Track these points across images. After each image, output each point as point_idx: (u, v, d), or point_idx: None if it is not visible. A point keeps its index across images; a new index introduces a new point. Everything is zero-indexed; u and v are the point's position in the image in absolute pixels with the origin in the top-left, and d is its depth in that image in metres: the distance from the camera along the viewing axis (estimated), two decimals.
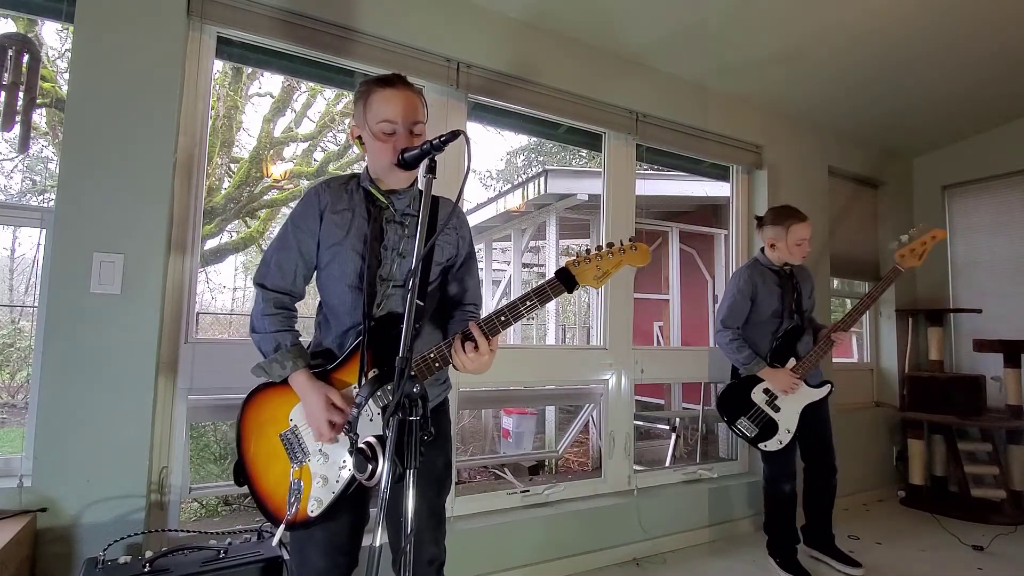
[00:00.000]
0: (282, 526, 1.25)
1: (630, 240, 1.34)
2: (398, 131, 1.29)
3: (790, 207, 2.57)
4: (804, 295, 2.60)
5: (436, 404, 1.42)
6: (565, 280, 1.30)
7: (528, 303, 1.27)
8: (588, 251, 1.31)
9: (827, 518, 2.62)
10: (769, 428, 2.45)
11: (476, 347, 1.22)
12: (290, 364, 1.27)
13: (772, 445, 2.44)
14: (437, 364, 1.27)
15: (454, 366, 1.27)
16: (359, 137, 1.37)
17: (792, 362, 2.45)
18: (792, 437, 2.43)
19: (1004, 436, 3.49)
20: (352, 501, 1.29)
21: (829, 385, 2.51)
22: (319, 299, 1.44)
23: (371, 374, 1.27)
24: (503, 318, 1.25)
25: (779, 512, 2.54)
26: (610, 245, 1.33)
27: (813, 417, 2.49)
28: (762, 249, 2.63)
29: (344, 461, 1.26)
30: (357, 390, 1.28)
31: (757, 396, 2.47)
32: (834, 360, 3.69)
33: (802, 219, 2.50)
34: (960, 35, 2.78)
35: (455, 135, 1.10)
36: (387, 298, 1.32)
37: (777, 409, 2.45)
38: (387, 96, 1.30)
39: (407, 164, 1.20)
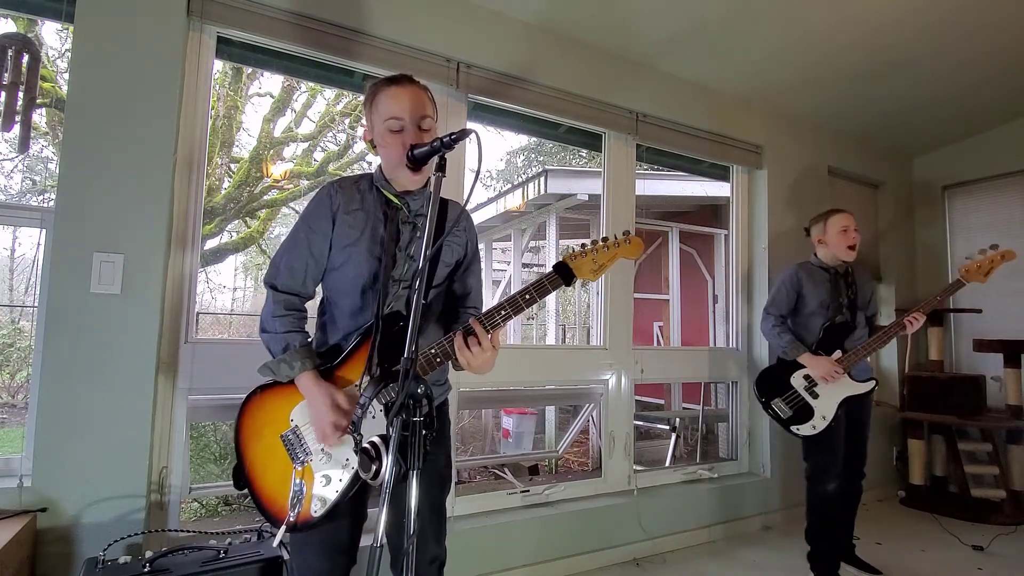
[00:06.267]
0: (283, 527, 1.24)
1: (624, 233, 1.36)
2: (406, 127, 1.29)
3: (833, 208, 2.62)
4: (862, 296, 2.55)
5: (437, 404, 1.42)
6: (563, 273, 1.31)
7: (527, 296, 1.27)
8: (584, 245, 1.34)
9: (849, 524, 2.58)
10: (804, 412, 2.42)
11: (479, 342, 1.21)
12: (298, 365, 1.27)
13: (805, 430, 2.41)
14: (439, 360, 1.26)
15: (456, 364, 1.26)
16: (371, 141, 1.37)
17: (838, 353, 2.42)
18: (828, 426, 2.39)
19: (1004, 436, 3.49)
20: (352, 500, 1.28)
21: (874, 381, 2.47)
22: (321, 298, 1.43)
23: (374, 373, 1.27)
24: (503, 312, 1.25)
25: (822, 516, 2.44)
26: (604, 239, 1.34)
27: (854, 416, 2.47)
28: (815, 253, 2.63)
29: (347, 460, 1.26)
30: (360, 388, 1.28)
31: (796, 380, 2.46)
32: None
33: (841, 211, 2.54)
34: (960, 35, 2.78)
35: (465, 133, 1.09)
36: (397, 299, 1.33)
37: (815, 396, 2.43)
38: (393, 93, 1.31)
39: (416, 160, 1.18)
